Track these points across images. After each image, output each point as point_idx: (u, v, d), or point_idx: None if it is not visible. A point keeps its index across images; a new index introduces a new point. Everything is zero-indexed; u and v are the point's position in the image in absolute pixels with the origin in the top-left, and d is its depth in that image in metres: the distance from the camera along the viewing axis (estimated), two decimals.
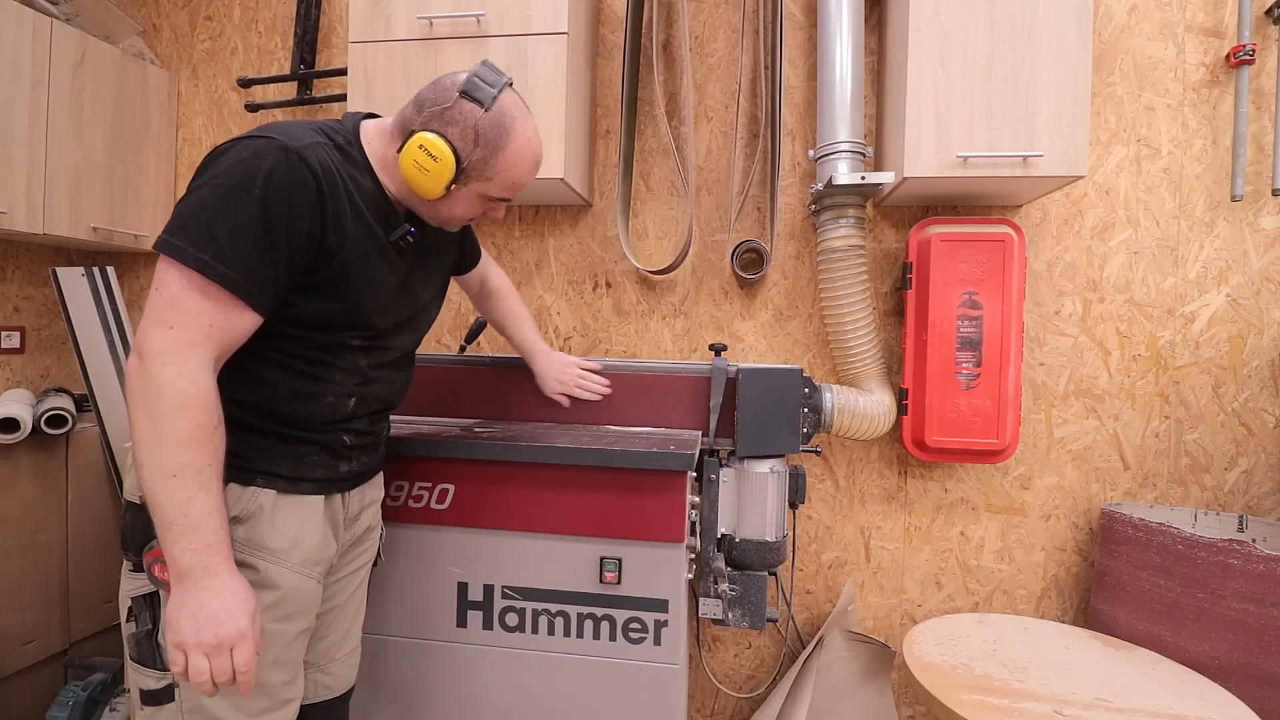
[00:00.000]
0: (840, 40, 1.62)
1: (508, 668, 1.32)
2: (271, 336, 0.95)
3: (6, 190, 1.67)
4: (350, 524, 1.13)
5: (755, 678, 1.86)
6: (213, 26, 2.13)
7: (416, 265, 1.13)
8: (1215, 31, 1.65)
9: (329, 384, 1.02)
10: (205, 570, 0.83)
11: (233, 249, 0.85)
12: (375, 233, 1.01)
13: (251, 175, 0.86)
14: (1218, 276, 1.66)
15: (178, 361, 0.83)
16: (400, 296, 1.09)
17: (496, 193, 1.05)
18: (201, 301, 0.85)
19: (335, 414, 1.04)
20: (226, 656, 0.84)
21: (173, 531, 0.82)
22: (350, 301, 0.99)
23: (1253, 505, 1.65)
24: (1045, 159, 1.43)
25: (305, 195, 0.89)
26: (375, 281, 1.02)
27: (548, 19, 1.57)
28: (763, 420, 1.53)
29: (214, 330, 0.86)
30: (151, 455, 0.82)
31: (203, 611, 0.83)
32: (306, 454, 1.02)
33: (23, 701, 1.78)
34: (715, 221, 1.86)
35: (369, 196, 1.00)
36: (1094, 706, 1.23)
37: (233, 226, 0.85)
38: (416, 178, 0.97)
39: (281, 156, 0.87)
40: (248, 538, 0.95)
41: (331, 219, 0.93)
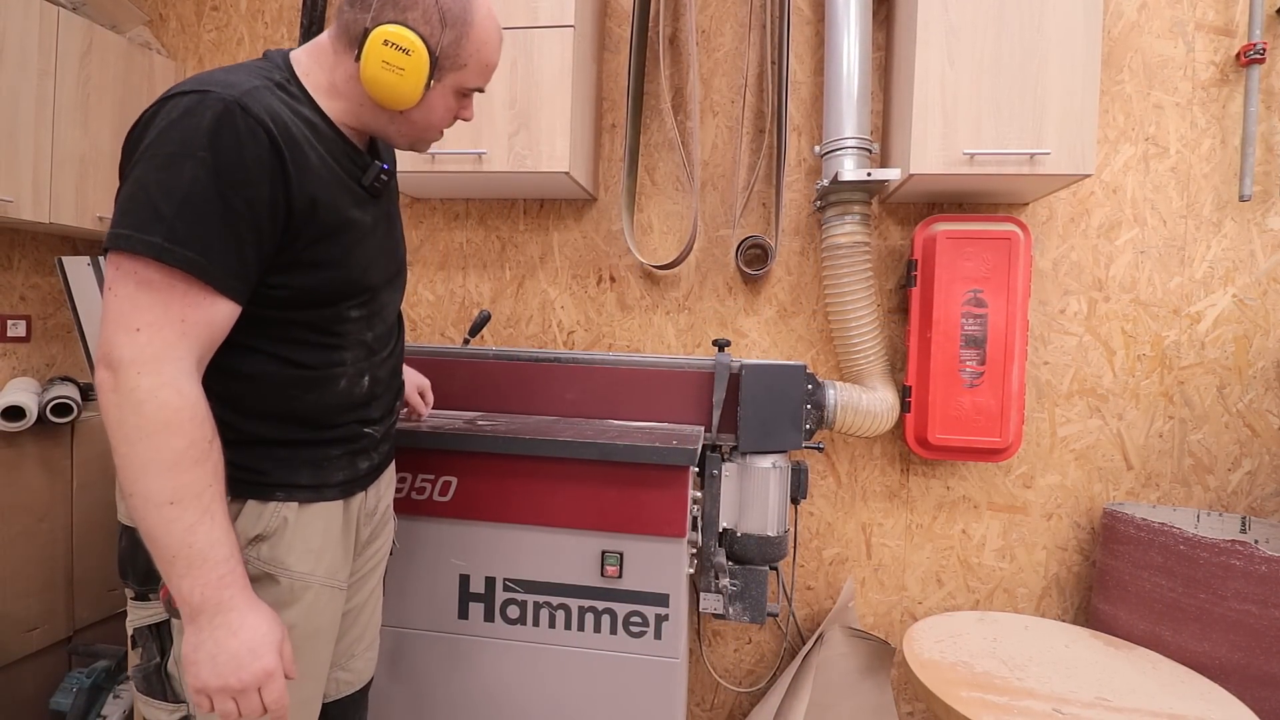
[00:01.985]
0: (848, 36, 1.62)
1: (509, 660, 1.33)
2: (262, 327, 0.83)
3: (13, 179, 1.67)
4: (369, 519, 1.06)
5: (755, 673, 1.87)
6: (219, 17, 2.12)
7: (390, 207, 1.01)
8: (1225, 30, 1.64)
9: (339, 366, 0.91)
10: (219, 606, 0.74)
11: (186, 226, 0.71)
12: (344, 180, 0.88)
13: (190, 137, 0.72)
14: (1224, 277, 1.66)
15: (155, 369, 0.71)
16: (384, 247, 0.97)
17: (472, 81, 0.90)
18: (164, 295, 0.72)
19: (352, 399, 0.94)
20: (255, 697, 0.76)
21: (177, 567, 0.72)
22: (340, 267, 0.87)
23: (1256, 506, 1.65)
24: (1052, 157, 1.42)
25: (259, 153, 0.75)
26: (359, 237, 0.89)
27: (554, 12, 1.56)
28: (765, 416, 1.53)
29: (187, 326, 0.73)
30: (141, 482, 0.71)
31: (222, 653, 0.74)
32: (327, 456, 0.93)
33: (27, 688, 1.79)
34: (720, 217, 1.86)
35: (327, 139, 0.86)
36: (1094, 705, 1.23)
37: (180, 200, 0.71)
38: (390, 83, 0.82)
39: (221, 110, 0.73)
40: (271, 556, 0.87)
41: (294, 176, 0.78)
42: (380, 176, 0.92)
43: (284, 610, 0.87)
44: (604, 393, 1.62)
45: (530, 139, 1.58)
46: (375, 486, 1.06)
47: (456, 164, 1.61)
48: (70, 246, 2.11)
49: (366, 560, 1.09)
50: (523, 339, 1.95)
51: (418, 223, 1.99)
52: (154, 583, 0.85)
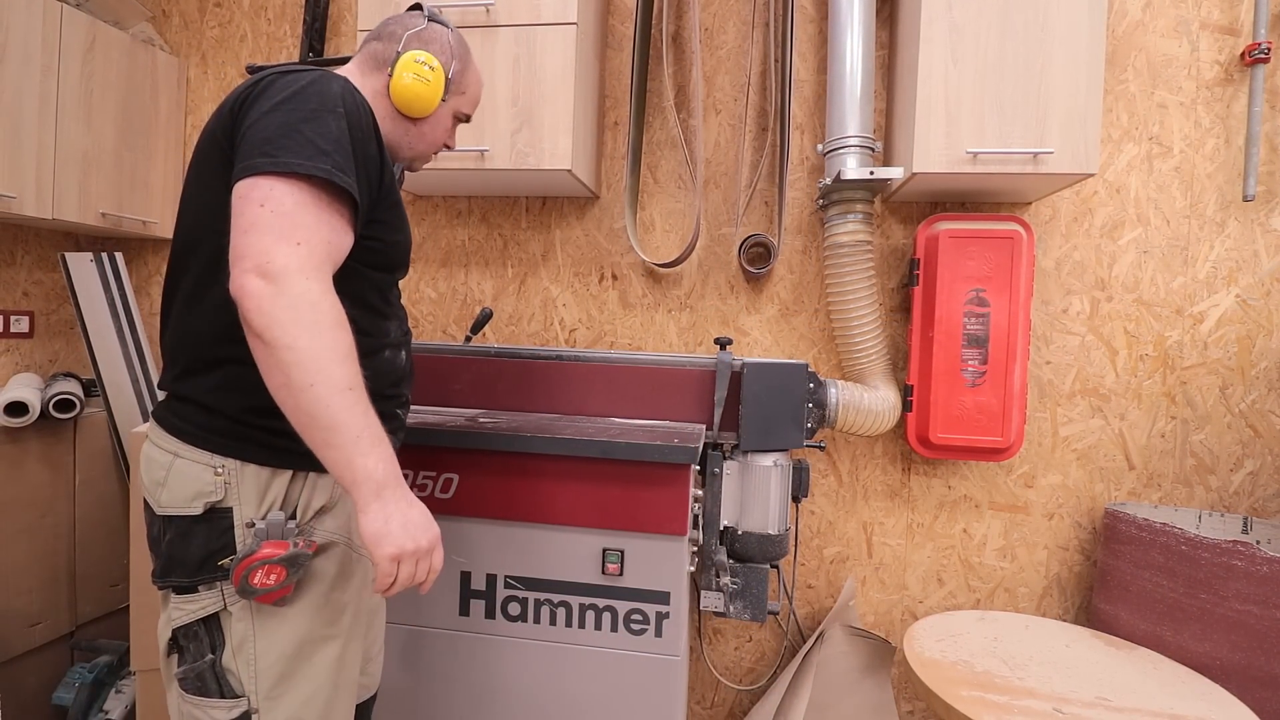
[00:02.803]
0: (851, 34, 1.61)
1: (510, 657, 1.33)
2: (343, 279, 0.88)
3: (16, 175, 1.67)
4: None
5: (755, 671, 1.87)
6: (222, 13, 2.12)
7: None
8: (1230, 29, 1.64)
9: (385, 334, 1.01)
10: (398, 480, 0.83)
11: (344, 161, 0.83)
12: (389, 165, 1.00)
13: (328, 97, 0.85)
14: (1227, 277, 1.65)
15: (320, 277, 0.79)
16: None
17: (466, 108, 1.12)
18: (319, 216, 0.81)
19: (395, 372, 1.02)
20: (425, 560, 0.85)
21: (362, 445, 0.79)
22: (403, 234, 1.01)
23: (1258, 507, 1.65)
24: (1056, 156, 1.42)
25: (370, 119, 0.90)
26: (404, 212, 1.04)
27: (557, 9, 1.56)
28: (767, 415, 1.53)
29: (331, 249, 0.83)
30: (325, 371, 0.77)
31: (410, 520, 0.83)
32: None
33: (29, 683, 1.80)
34: (722, 215, 1.85)
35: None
36: (1094, 705, 1.23)
37: (335, 141, 0.83)
38: (419, 90, 1.01)
39: (346, 83, 0.89)
40: (336, 526, 0.95)
41: (382, 147, 0.94)
42: (404, 173, 1.10)
43: (349, 581, 0.96)
44: (605, 391, 1.62)
45: (532, 136, 1.58)
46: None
47: (459, 161, 1.61)
48: (73, 243, 2.12)
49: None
50: (524, 337, 1.95)
51: (420, 220, 1.99)
52: (209, 570, 0.86)
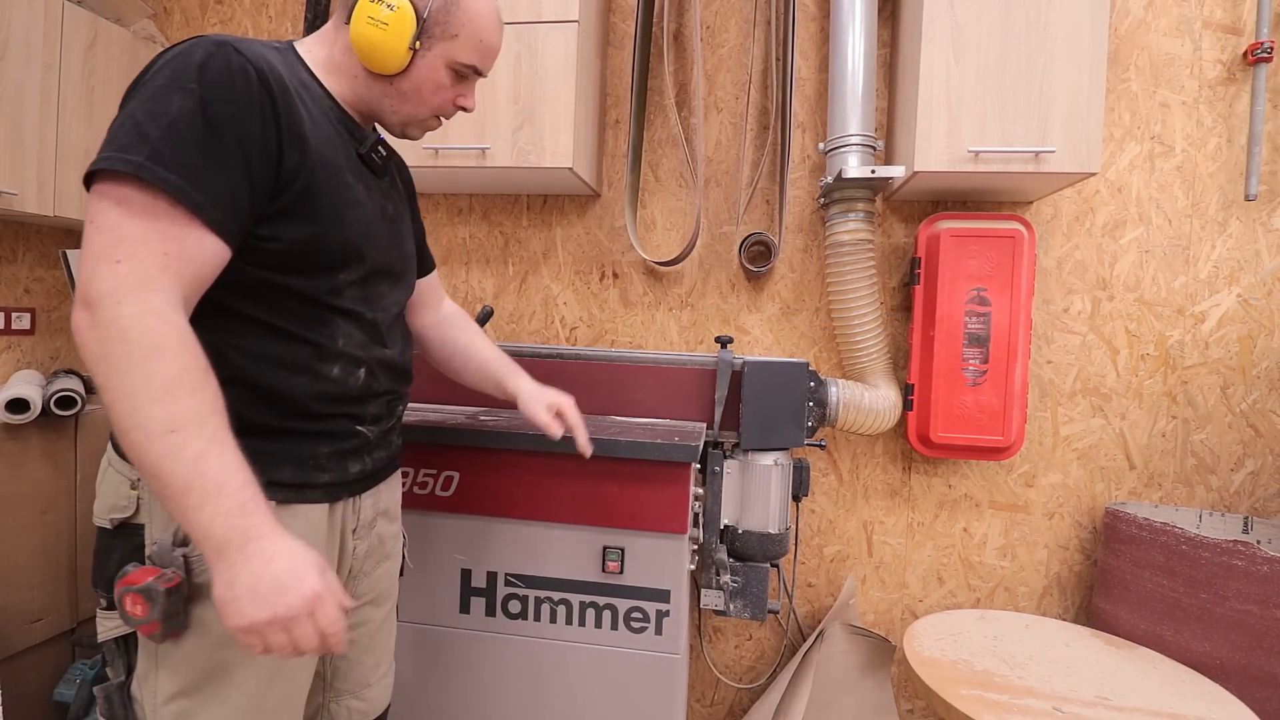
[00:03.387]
0: (853, 32, 1.61)
1: (510, 654, 1.33)
2: (252, 290, 0.79)
3: (17, 172, 1.67)
4: (364, 533, 0.97)
5: (755, 669, 1.87)
6: (223, 10, 2.12)
7: (393, 196, 0.97)
8: (1233, 28, 1.63)
9: (332, 349, 0.85)
10: (246, 535, 0.67)
11: (170, 149, 0.69)
12: (341, 140, 0.86)
13: (181, 71, 0.71)
14: (1229, 276, 1.65)
15: (137, 298, 0.66)
16: (387, 229, 0.94)
17: (465, 56, 0.89)
18: (147, 223, 0.68)
19: (345, 390, 0.87)
20: (308, 624, 0.69)
21: (191, 499, 0.65)
22: (333, 221, 0.82)
23: (1259, 507, 1.65)
24: (1057, 155, 1.42)
25: (249, 87, 0.73)
26: (355, 199, 0.86)
27: (558, 7, 1.56)
28: (767, 413, 1.53)
29: (170, 260, 0.69)
30: (139, 414, 0.65)
31: (263, 582, 0.66)
32: (314, 453, 0.85)
33: (30, 679, 1.80)
34: (723, 213, 1.85)
35: (321, 101, 0.85)
36: (1094, 705, 1.23)
37: (167, 124, 0.69)
38: (374, 38, 0.82)
39: (214, 49, 0.73)
40: None
41: (285, 118, 0.77)
42: (378, 149, 0.91)
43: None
44: (606, 389, 1.62)
45: (534, 134, 1.58)
46: (374, 497, 0.98)
47: (460, 159, 1.61)
48: (74, 240, 2.12)
49: (375, 582, 1.03)
50: (525, 335, 1.95)
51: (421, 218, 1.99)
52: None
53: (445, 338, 1.21)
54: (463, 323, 1.23)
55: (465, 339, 1.21)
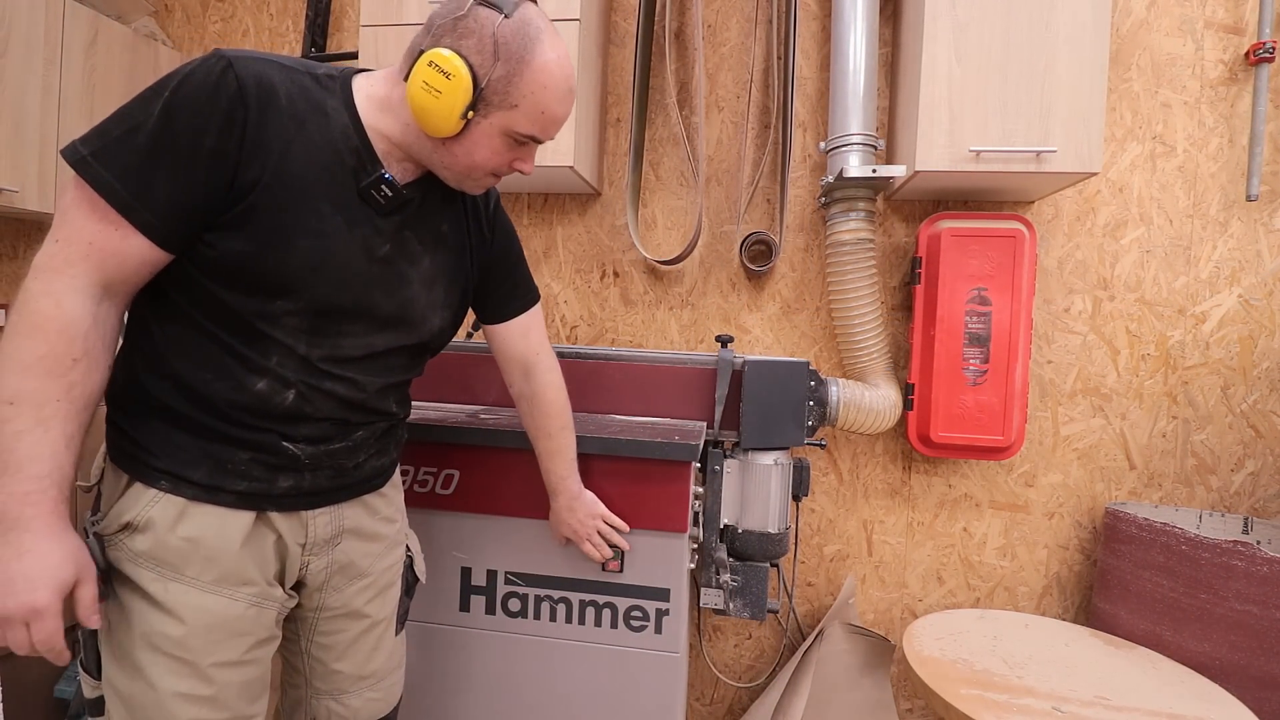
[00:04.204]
0: (854, 31, 1.61)
1: (509, 653, 1.33)
2: (194, 291, 0.80)
3: (18, 169, 1.67)
4: (321, 550, 0.94)
5: (755, 668, 1.87)
6: (224, 8, 2.12)
7: (410, 241, 0.92)
8: (1235, 28, 1.63)
9: (261, 365, 0.83)
10: (15, 522, 0.70)
11: (119, 151, 0.73)
12: (339, 170, 0.83)
13: (169, 79, 0.74)
14: (1230, 277, 1.65)
15: (47, 279, 0.72)
16: (377, 271, 0.88)
17: (524, 127, 0.85)
18: (83, 213, 0.73)
19: (268, 408, 0.85)
20: (21, 630, 0.71)
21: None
22: (274, 244, 0.79)
23: (1259, 507, 1.65)
24: (1059, 155, 1.41)
25: (218, 104, 0.74)
26: (318, 229, 0.82)
27: (560, 4, 1.56)
28: (768, 412, 1.53)
29: (94, 251, 0.73)
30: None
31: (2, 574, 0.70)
32: (231, 458, 0.84)
33: (31, 676, 1.80)
34: (724, 212, 1.85)
35: (341, 129, 0.83)
36: (1093, 704, 1.23)
37: (129, 128, 0.73)
38: (426, 104, 0.79)
39: (209, 63, 0.75)
40: (147, 551, 0.81)
41: (254, 137, 0.76)
42: (380, 187, 0.86)
43: (159, 616, 0.81)
44: (607, 388, 1.62)
45: None
46: (332, 516, 0.95)
47: None
48: None
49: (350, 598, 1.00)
50: None
51: None
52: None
53: (525, 422, 1.21)
54: (539, 420, 1.17)
55: (533, 432, 1.19)
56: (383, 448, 1.01)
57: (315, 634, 1.00)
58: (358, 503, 0.99)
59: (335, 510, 0.96)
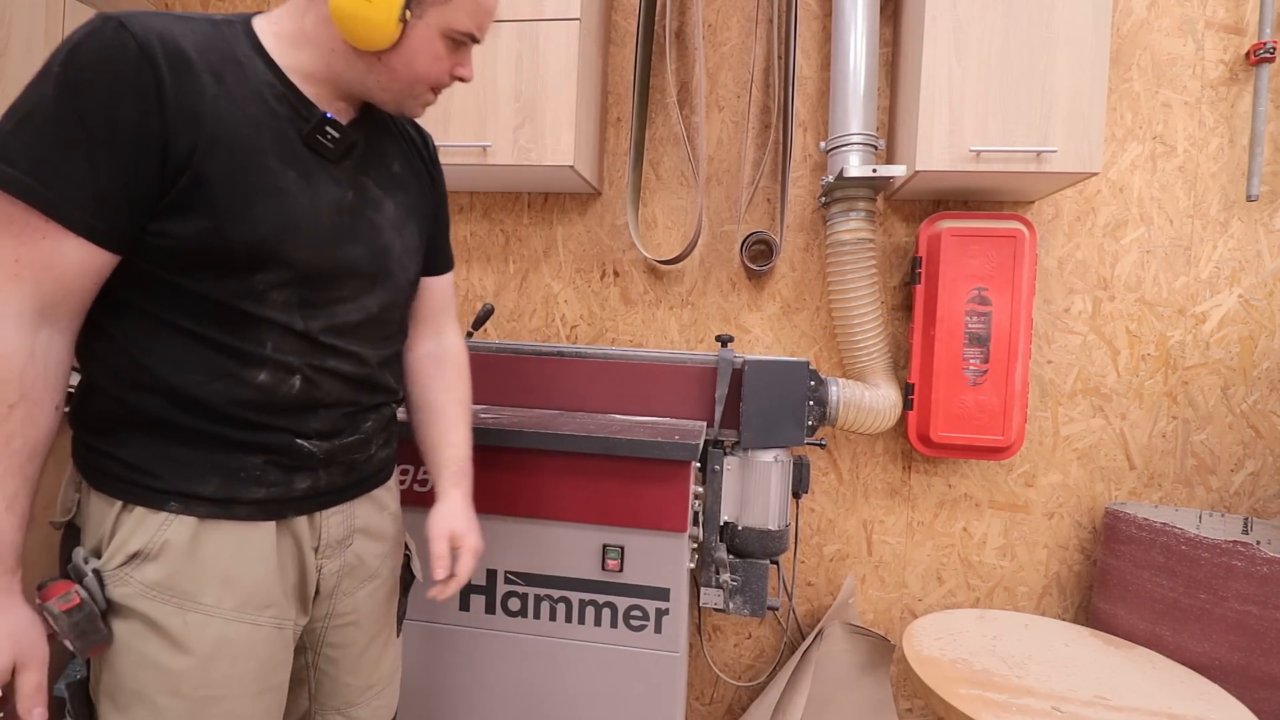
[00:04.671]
0: (855, 31, 1.61)
1: (509, 652, 1.33)
2: (160, 289, 0.71)
3: None
4: (333, 552, 0.89)
5: (755, 667, 1.88)
6: (225, 7, 2.12)
7: (369, 186, 0.85)
8: (1235, 28, 1.63)
9: (256, 354, 0.75)
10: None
11: (22, 144, 0.62)
12: (273, 121, 0.74)
13: (56, 55, 0.64)
14: (1230, 277, 1.65)
15: None
16: (347, 222, 0.81)
17: (462, 23, 0.79)
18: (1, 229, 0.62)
19: (277, 399, 0.78)
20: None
21: None
22: (234, 215, 0.70)
23: (1258, 508, 1.65)
24: (1059, 155, 1.41)
25: (122, 67, 0.64)
26: (276, 189, 0.73)
27: (560, 4, 1.56)
28: (768, 412, 1.53)
29: (23, 268, 0.63)
30: None
31: None
32: (245, 465, 0.77)
33: None
34: (725, 212, 1.85)
35: (258, 77, 0.74)
36: (1092, 704, 1.23)
37: (20, 117, 0.63)
38: (358, 13, 0.71)
39: (95, 26, 0.64)
40: (161, 581, 0.73)
41: (176, 98, 0.66)
42: (325, 129, 0.77)
43: (174, 654, 0.74)
44: (607, 387, 1.62)
45: (535, 132, 1.58)
46: (344, 514, 0.90)
47: (461, 156, 1.61)
48: None
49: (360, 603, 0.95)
50: (526, 333, 1.95)
51: None
52: None
53: (424, 384, 1.05)
54: (451, 380, 1.06)
55: (440, 401, 1.04)
56: (388, 438, 0.98)
57: (324, 645, 0.94)
58: (367, 499, 0.94)
59: (348, 508, 0.91)
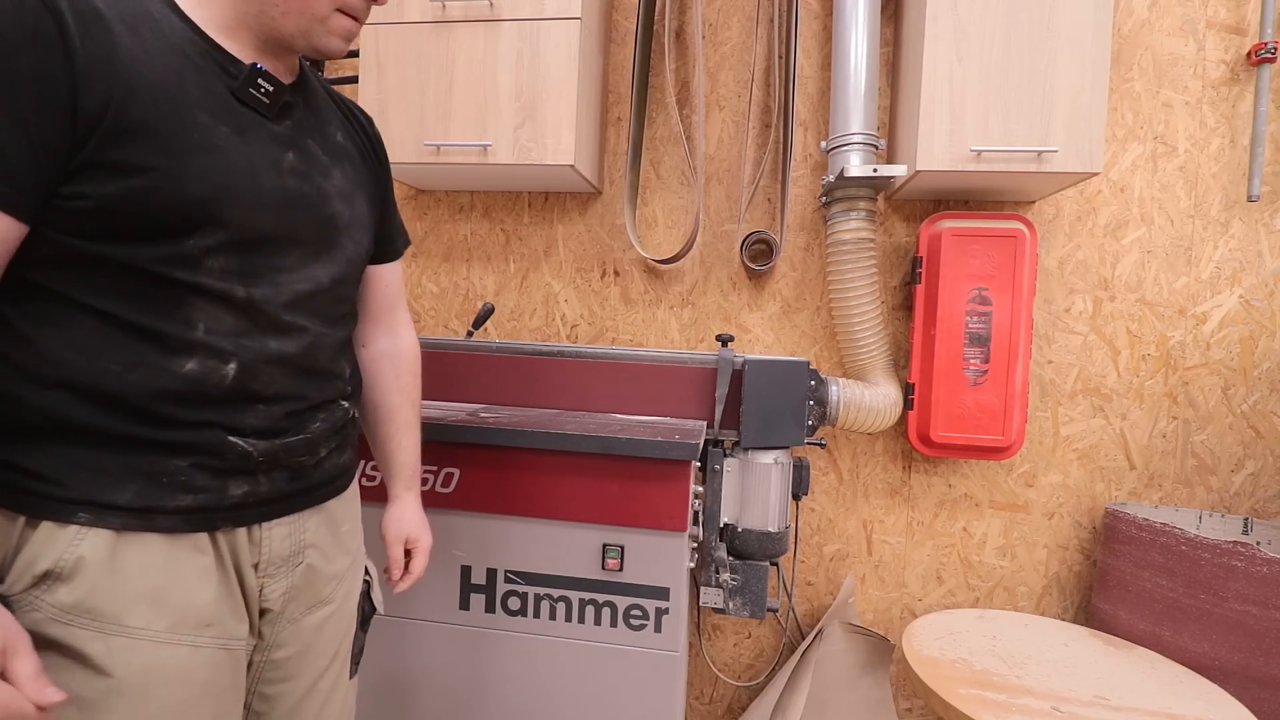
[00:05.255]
0: (856, 30, 1.61)
1: (509, 651, 1.34)
2: (72, 263, 0.64)
3: None
4: (278, 570, 0.78)
5: (754, 667, 1.88)
6: None
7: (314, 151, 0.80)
8: (1237, 28, 1.63)
9: (185, 339, 0.68)
10: None
11: None
12: (198, 74, 0.68)
13: None
14: (1231, 277, 1.65)
15: None
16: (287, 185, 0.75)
17: None
18: None
19: (204, 391, 0.69)
20: None
21: None
22: (165, 174, 0.64)
23: (1259, 508, 1.65)
24: (1060, 155, 1.41)
25: (21, 18, 0.59)
26: (208, 144, 0.67)
27: (561, 3, 1.56)
28: (768, 412, 1.53)
29: None
30: None
31: None
32: (167, 468, 0.68)
33: None
34: (725, 211, 1.85)
35: (175, 33, 0.68)
36: (1092, 704, 1.23)
37: None
38: None
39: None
40: (77, 603, 0.64)
41: (84, 46, 0.61)
42: (256, 82, 0.71)
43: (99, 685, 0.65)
44: (607, 387, 1.63)
45: (535, 131, 1.58)
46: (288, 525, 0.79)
47: (461, 155, 1.61)
48: None
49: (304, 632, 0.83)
50: (526, 332, 1.95)
51: (422, 214, 1.99)
52: None
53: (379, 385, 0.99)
54: (405, 381, 1.01)
55: (394, 403, 1.00)
56: (342, 441, 0.87)
57: (260, 683, 0.81)
58: (319, 511, 0.84)
59: (295, 520, 0.80)
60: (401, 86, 1.61)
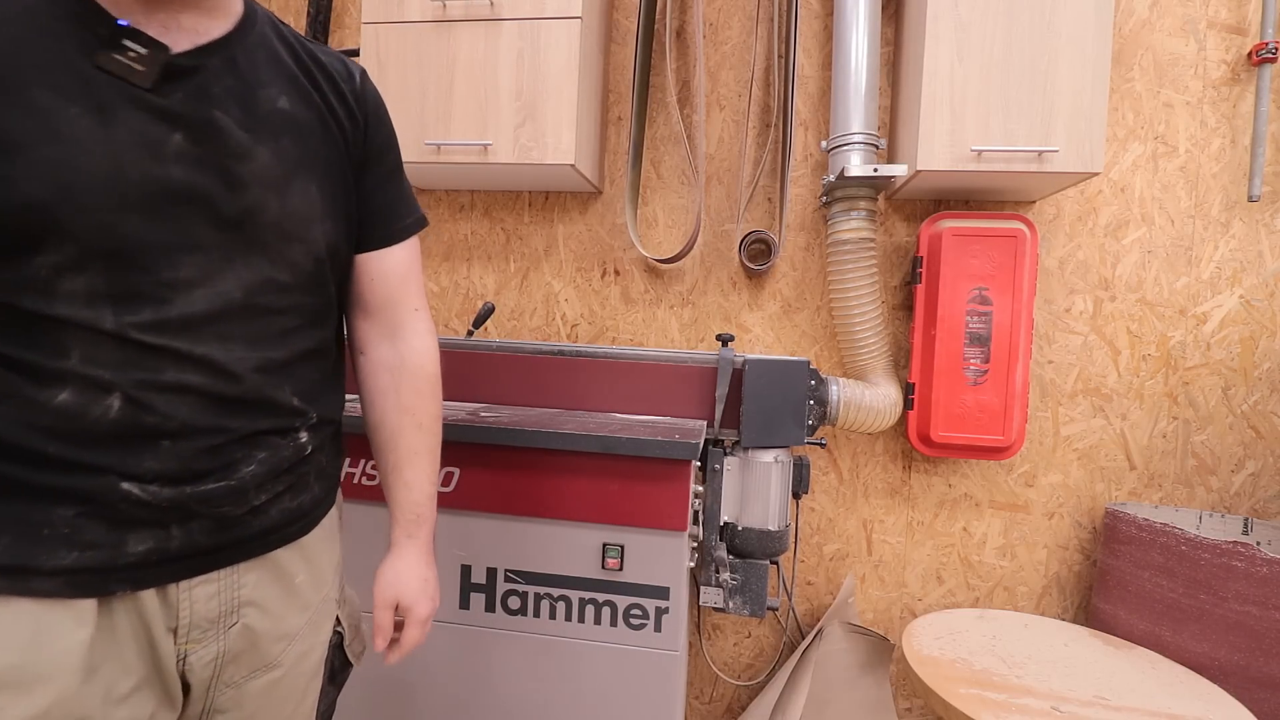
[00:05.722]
0: (856, 30, 1.61)
1: (509, 650, 1.34)
2: None
3: None
4: (205, 635, 0.66)
5: (754, 666, 1.88)
6: None
7: (223, 126, 0.62)
8: (1238, 28, 1.63)
9: (53, 368, 0.56)
10: None
11: None
12: (43, 42, 0.55)
13: None
14: (1232, 277, 1.65)
15: None
16: (170, 175, 0.59)
17: None
18: None
19: (85, 429, 0.57)
20: None
21: None
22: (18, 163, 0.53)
23: (1259, 508, 1.65)
24: (1060, 155, 1.41)
25: None
26: (50, 133, 0.54)
27: (561, 2, 1.56)
28: (768, 411, 1.53)
29: None
30: None
31: None
32: (47, 518, 0.57)
33: None
34: (725, 211, 1.85)
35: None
36: (1091, 704, 1.23)
37: None
38: None
39: None
40: None
41: None
42: (125, 45, 0.57)
43: None
44: (607, 386, 1.62)
45: (536, 131, 1.58)
46: (216, 584, 0.66)
47: (461, 155, 1.61)
48: None
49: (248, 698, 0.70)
50: (526, 332, 1.95)
51: None
52: None
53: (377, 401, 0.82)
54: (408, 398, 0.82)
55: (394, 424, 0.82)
56: (297, 482, 0.71)
57: None
58: (263, 563, 0.70)
59: (226, 576, 0.67)
60: (402, 86, 1.61)
